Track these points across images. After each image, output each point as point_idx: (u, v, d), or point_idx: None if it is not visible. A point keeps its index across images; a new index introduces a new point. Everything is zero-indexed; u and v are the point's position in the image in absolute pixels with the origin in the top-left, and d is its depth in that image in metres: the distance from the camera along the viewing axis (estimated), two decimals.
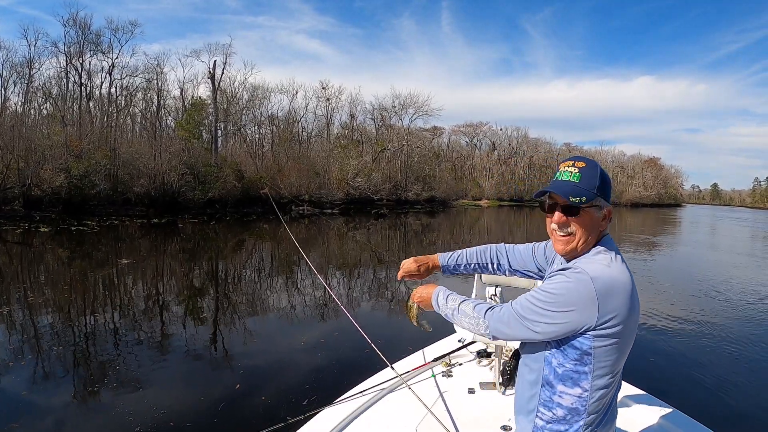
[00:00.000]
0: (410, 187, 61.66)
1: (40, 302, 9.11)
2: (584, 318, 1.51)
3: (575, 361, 1.58)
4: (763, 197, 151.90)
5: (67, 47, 40.85)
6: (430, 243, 24.20)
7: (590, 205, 1.64)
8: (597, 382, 1.57)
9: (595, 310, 1.50)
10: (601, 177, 1.66)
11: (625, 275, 1.56)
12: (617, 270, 1.57)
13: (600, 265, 1.57)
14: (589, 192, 1.63)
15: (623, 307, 1.52)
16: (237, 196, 39.31)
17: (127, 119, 47.92)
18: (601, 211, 1.67)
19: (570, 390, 1.60)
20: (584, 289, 1.51)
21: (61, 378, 5.60)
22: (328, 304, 9.60)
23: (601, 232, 1.70)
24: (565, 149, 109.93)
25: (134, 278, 12.20)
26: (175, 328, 7.75)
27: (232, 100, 51.41)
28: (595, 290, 1.50)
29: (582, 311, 1.51)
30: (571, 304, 1.52)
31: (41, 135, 32.92)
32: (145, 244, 19.75)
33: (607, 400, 1.62)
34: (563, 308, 1.53)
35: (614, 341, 1.54)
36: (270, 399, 5.00)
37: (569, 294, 1.53)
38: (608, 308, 1.50)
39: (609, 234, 1.73)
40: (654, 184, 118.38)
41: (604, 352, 1.54)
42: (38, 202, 28.56)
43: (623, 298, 1.52)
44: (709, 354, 7.11)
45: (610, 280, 1.52)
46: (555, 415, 1.64)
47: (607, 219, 1.70)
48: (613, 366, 1.57)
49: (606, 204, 1.68)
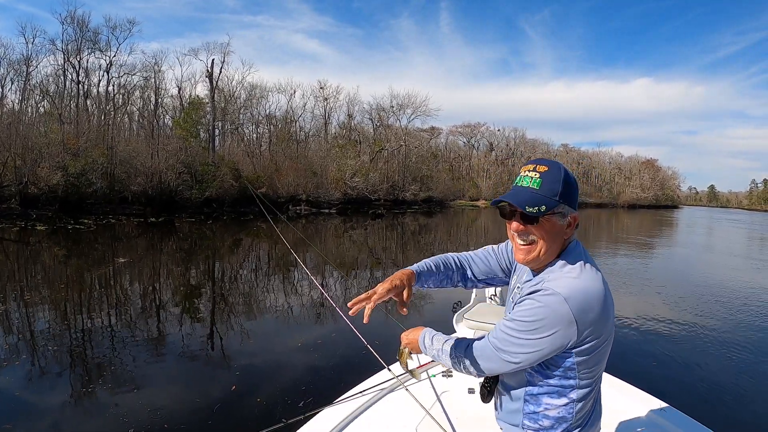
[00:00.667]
0: (408, 188, 61.68)
1: (37, 301, 9.08)
2: (564, 339, 1.46)
3: (559, 376, 1.56)
4: (760, 199, 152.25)
5: (65, 45, 40.91)
6: (427, 243, 24.20)
7: (552, 212, 1.53)
8: (582, 390, 1.57)
9: (573, 330, 1.45)
10: (565, 181, 1.54)
11: (597, 283, 1.50)
12: (588, 280, 1.50)
13: (569, 279, 1.50)
14: (549, 200, 1.52)
15: (601, 316, 1.48)
16: (234, 195, 39.28)
17: (125, 117, 47.93)
18: (565, 219, 1.57)
19: (556, 401, 1.59)
20: (559, 310, 1.44)
21: (56, 378, 5.58)
22: (325, 305, 9.58)
23: (567, 239, 1.60)
24: (563, 150, 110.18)
25: (131, 277, 12.17)
26: (171, 329, 7.73)
27: (230, 99, 51.42)
28: (571, 310, 1.43)
29: (561, 334, 1.45)
30: (547, 328, 1.45)
31: (38, 133, 32.85)
32: (141, 243, 19.71)
33: (593, 401, 1.63)
34: (540, 335, 1.47)
35: (596, 351, 1.52)
36: (266, 400, 4.98)
37: (545, 319, 1.45)
38: (587, 323, 1.46)
39: (575, 239, 1.64)
40: (651, 186, 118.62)
41: (587, 363, 1.53)
42: (35, 200, 28.53)
43: (599, 308, 1.47)
44: (708, 354, 7.12)
45: (583, 295, 1.46)
46: (541, 426, 1.62)
47: (572, 226, 1.60)
48: (596, 371, 1.57)
49: (570, 210, 1.57)
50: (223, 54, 48.31)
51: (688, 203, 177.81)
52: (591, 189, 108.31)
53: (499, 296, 4.50)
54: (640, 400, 2.90)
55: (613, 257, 18.73)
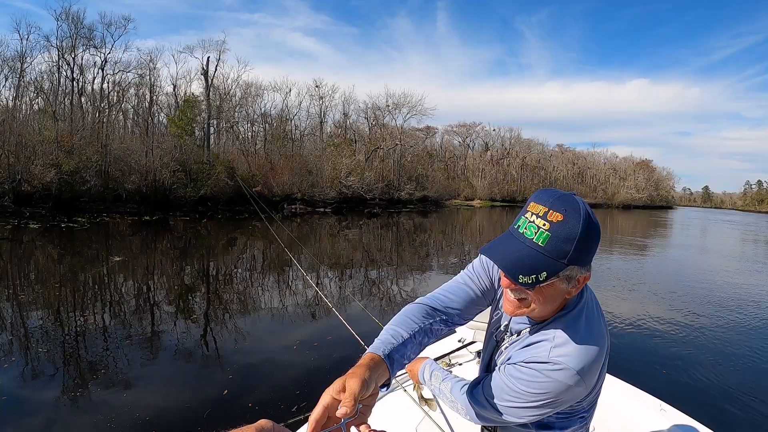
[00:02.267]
0: (403, 187, 61.69)
1: (30, 300, 9.04)
2: (570, 402, 1.36)
3: (564, 421, 1.46)
4: (754, 200, 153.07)
5: (60, 41, 40.54)
6: (422, 243, 24.21)
7: (555, 277, 1.25)
8: (585, 420, 1.50)
9: (584, 393, 1.35)
10: (580, 239, 1.20)
11: (602, 339, 1.36)
12: (597, 341, 1.34)
13: (580, 348, 1.31)
14: (554, 264, 1.21)
15: (604, 369, 1.40)
16: (229, 194, 39.20)
17: (119, 115, 47.64)
18: (571, 282, 1.30)
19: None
20: (572, 386, 1.30)
21: (47, 378, 5.55)
22: (320, 305, 9.56)
23: (570, 296, 1.36)
24: (558, 150, 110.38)
25: (125, 276, 12.12)
26: (164, 328, 7.70)
27: (225, 97, 51.25)
28: (584, 382, 1.30)
29: (573, 399, 1.35)
30: (558, 403, 1.33)
31: (32, 130, 32.69)
32: (136, 242, 19.64)
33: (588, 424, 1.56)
34: (550, 407, 1.34)
35: (595, 396, 1.45)
36: (259, 404, 4.95)
37: (555, 393, 1.31)
38: (598, 381, 1.39)
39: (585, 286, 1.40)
40: (646, 186, 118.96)
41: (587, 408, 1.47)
42: (28, 198, 28.39)
43: (603, 363, 1.37)
44: (707, 354, 7.14)
45: (596, 362, 1.32)
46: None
47: (579, 287, 1.32)
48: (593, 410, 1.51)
49: (580, 272, 1.28)
50: (219, 51, 48.19)
51: (682, 204, 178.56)
52: (586, 189, 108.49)
53: None
54: (638, 400, 2.90)
55: (609, 259, 18.77)
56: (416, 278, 13.21)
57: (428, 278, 13.20)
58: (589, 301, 1.43)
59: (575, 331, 1.33)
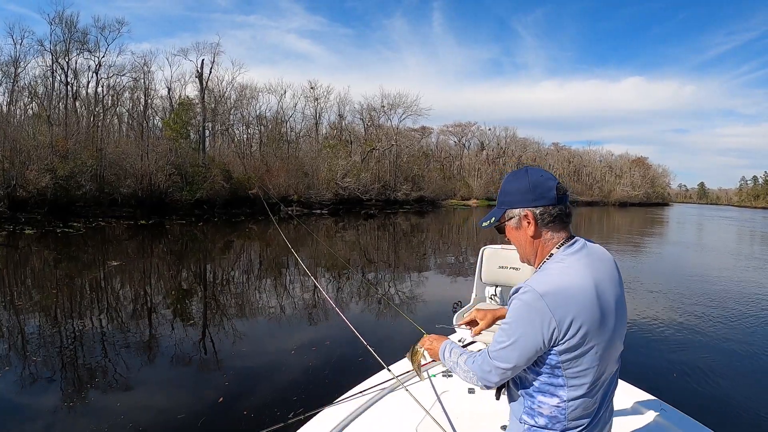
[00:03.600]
0: (399, 187, 61.67)
1: (27, 307, 8.99)
2: (544, 335, 1.49)
3: (547, 374, 1.57)
4: (750, 196, 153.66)
5: (53, 46, 40.43)
6: (420, 243, 24.23)
7: (503, 221, 1.70)
8: (573, 392, 1.56)
9: (552, 325, 1.47)
10: (503, 190, 1.70)
11: (582, 280, 1.52)
12: (569, 276, 1.53)
13: (547, 276, 1.55)
14: (496, 211, 1.73)
15: (583, 313, 1.49)
16: (225, 196, 39.16)
17: (114, 119, 47.59)
18: (519, 222, 1.66)
19: (548, 400, 1.60)
20: (535, 305, 1.48)
21: (44, 383, 5.51)
22: (318, 306, 9.55)
23: (543, 237, 1.65)
24: (554, 149, 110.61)
25: (122, 281, 12.08)
26: (160, 333, 7.65)
27: (220, 99, 51.19)
28: (546, 304, 1.47)
29: (539, 328, 1.49)
30: (526, 324, 1.51)
31: (26, 135, 32.57)
32: (132, 246, 19.60)
33: (593, 406, 1.61)
34: (522, 331, 1.52)
35: (582, 350, 1.51)
36: (261, 405, 4.89)
37: (524, 316, 1.51)
38: (565, 318, 1.47)
39: (575, 238, 1.66)
40: (642, 184, 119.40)
41: (574, 363, 1.53)
42: (23, 203, 28.26)
43: (581, 305, 1.49)
44: (707, 353, 7.14)
45: (560, 289, 1.49)
46: (537, 423, 1.64)
47: (531, 223, 1.64)
48: (588, 374, 1.55)
49: (520, 212, 1.66)
50: (213, 54, 48.15)
51: (678, 200, 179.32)
52: (582, 187, 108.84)
53: (499, 296, 4.48)
54: (638, 400, 2.89)
55: None
56: (414, 279, 13.19)
57: (426, 279, 13.20)
58: (576, 257, 1.60)
59: (550, 269, 1.58)
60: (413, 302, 10.09)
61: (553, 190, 1.62)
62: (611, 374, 1.65)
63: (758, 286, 13.06)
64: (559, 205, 1.63)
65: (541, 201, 1.62)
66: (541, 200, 1.62)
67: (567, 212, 1.65)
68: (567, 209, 1.65)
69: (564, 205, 1.65)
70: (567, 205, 1.66)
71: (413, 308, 9.53)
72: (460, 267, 15.51)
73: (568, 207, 1.66)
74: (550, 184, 1.62)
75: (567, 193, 1.67)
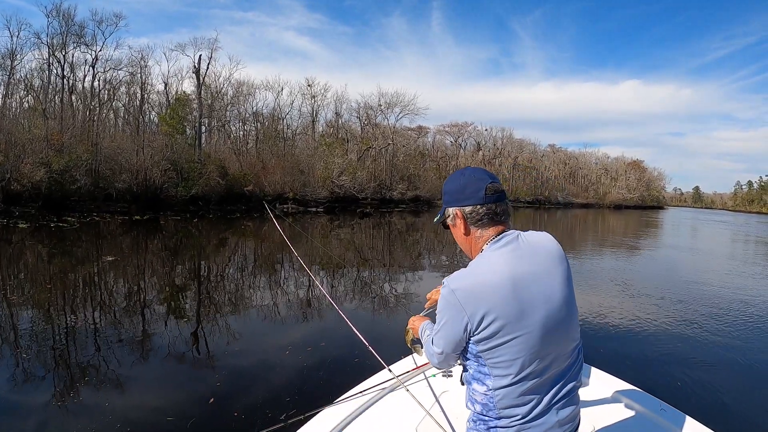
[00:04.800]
0: (395, 186, 61.58)
1: (21, 302, 8.96)
2: (459, 325, 1.61)
3: (474, 363, 1.67)
4: (744, 201, 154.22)
5: (50, 39, 40.19)
6: (414, 242, 24.23)
7: (445, 219, 1.83)
8: (498, 381, 1.62)
9: (463, 316, 1.58)
10: (444, 190, 1.82)
11: (495, 275, 1.59)
12: (482, 272, 1.62)
13: (465, 272, 1.65)
14: (442, 210, 1.84)
15: (497, 307, 1.55)
16: (220, 193, 39.07)
17: (110, 113, 47.34)
18: (454, 220, 1.78)
19: (479, 388, 1.67)
20: (448, 298, 1.61)
21: (31, 382, 5.49)
22: (312, 305, 9.54)
23: (473, 235, 1.75)
24: (550, 151, 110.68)
25: (115, 277, 12.05)
26: (153, 331, 7.62)
27: (217, 95, 51.06)
28: (458, 299, 1.58)
29: (454, 320, 1.61)
30: (444, 315, 1.65)
31: (22, 128, 32.40)
32: (126, 242, 19.54)
33: (528, 399, 1.62)
34: (444, 320, 1.65)
35: (499, 341, 1.58)
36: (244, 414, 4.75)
37: (443, 307, 1.64)
38: (477, 311, 1.56)
39: (504, 233, 1.72)
40: (637, 187, 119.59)
41: (493, 353, 1.60)
42: (18, 197, 28.12)
43: (493, 298, 1.56)
44: (706, 352, 7.18)
45: (471, 284, 1.59)
46: (476, 410, 1.72)
47: (461, 220, 1.75)
48: (513, 364, 1.59)
49: (451, 210, 1.78)
50: (211, 50, 48.00)
51: (673, 204, 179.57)
52: (577, 189, 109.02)
53: None
54: (638, 400, 2.90)
55: (603, 260, 18.84)
56: (408, 278, 13.18)
57: (421, 277, 13.19)
58: (498, 252, 1.67)
59: (471, 265, 1.68)
60: (410, 300, 10.09)
61: (482, 191, 1.70)
62: (558, 369, 1.66)
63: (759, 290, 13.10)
64: (488, 204, 1.70)
65: (469, 201, 1.72)
66: (469, 200, 1.72)
67: (496, 211, 1.72)
68: (497, 208, 1.72)
69: (494, 204, 1.71)
70: (498, 204, 1.72)
71: (410, 306, 9.53)
72: (452, 266, 15.38)
73: (498, 206, 1.72)
74: (480, 185, 1.71)
75: (500, 192, 1.74)
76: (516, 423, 1.62)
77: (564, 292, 1.66)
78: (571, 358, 1.70)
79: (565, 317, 1.65)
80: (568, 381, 1.69)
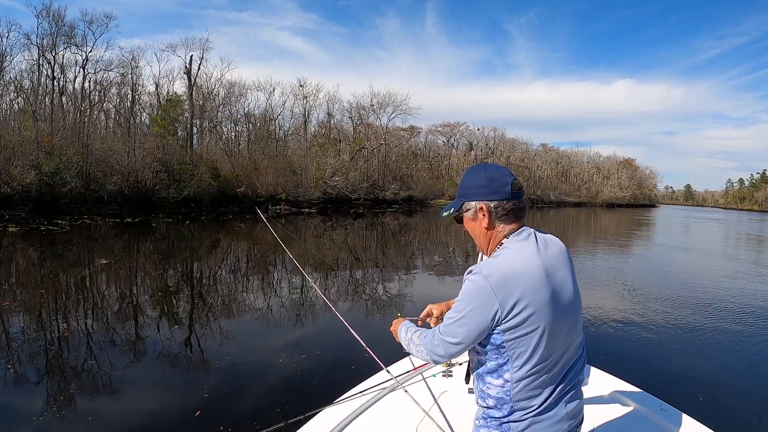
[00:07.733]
0: (388, 187, 61.64)
1: (12, 308, 8.85)
2: (487, 312, 1.58)
3: (494, 354, 1.66)
4: (736, 198, 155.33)
5: (40, 39, 39.95)
6: (407, 243, 24.22)
7: (461, 212, 1.81)
8: (517, 373, 1.63)
9: (494, 302, 1.56)
10: (462, 184, 1.81)
11: (528, 264, 1.61)
12: (517, 262, 1.62)
13: (492, 260, 1.66)
14: (455, 203, 1.83)
15: (530, 293, 1.57)
16: (212, 194, 38.95)
17: (101, 115, 47.13)
18: (475, 213, 1.76)
19: (495, 381, 1.68)
20: (480, 285, 1.58)
21: (19, 386, 5.42)
22: (306, 307, 9.49)
23: (496, 229, 1.75)
24: (542, 150, 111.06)
25: (107, 280, 11.96)
26: (145, 334, 7.54)
27: (208, 96, 50.92)
28: (490, 285, 1.57)
29: (483, 306, 1.58)
30: (471, 302, 1.60)
31: (11, 130, 32.15)
32: (118, 245, 19.42)
33: (542, 391, 1.65)
34: (469, 309, 1.61)
35: (526, 331, 1.59)
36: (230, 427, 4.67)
37: (471, 295, 1.61)
38: (508, 298, 1.56)
39: (523, 227, 1.75)
40: (629, 185, 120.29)
41: (518, 342, 1.60)
42: (7, 200, 27.87)
43: (527, 284, 1.58)
44: (705, 352, 7.20)
45: (505, 271, 1.59)
46: (488, 405, 1.72)
47: (486, 215, 1.74)
48: (532, 356, 1.62)
49: (477, 205, 1.76)
50: (202, 50, 47.94)
51: (664, 202, 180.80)
52: (570, 188, 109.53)
53: None
54: (638, 400, 2.90)
55: (599, 258, 18.88)
56: (402, 279, 13.16)
57: (414, 278, 13.17)
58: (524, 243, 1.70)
59: (499, 255, 1.68)
60: (405, 301, 10.06)
61: (508, 186, 1.71)
62: (567, 363, 1.70)
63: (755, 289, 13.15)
64: (513, 200, 1.72)
65: (495, 195, 1.72)
66: (495, 195, 1.72)
67: (520, 207, 1.75)
68: (521, 204, 1.75)
69: (518, 200, 1.74)
70: (521, 200, 1.76)
71: (405, 307, 9.50)
72: (447, 266, 15.53)
73: (521, 202, 1.76)
74: (506, 180, 1.72)
75: (522, 190, 1.76)
76: (529, 415, 1.65)
77: (574, 287, 1.72)
78: (578, 352, 1.76)
79: (576, 311, 1.73)
80: (575, 375, 1.75)
